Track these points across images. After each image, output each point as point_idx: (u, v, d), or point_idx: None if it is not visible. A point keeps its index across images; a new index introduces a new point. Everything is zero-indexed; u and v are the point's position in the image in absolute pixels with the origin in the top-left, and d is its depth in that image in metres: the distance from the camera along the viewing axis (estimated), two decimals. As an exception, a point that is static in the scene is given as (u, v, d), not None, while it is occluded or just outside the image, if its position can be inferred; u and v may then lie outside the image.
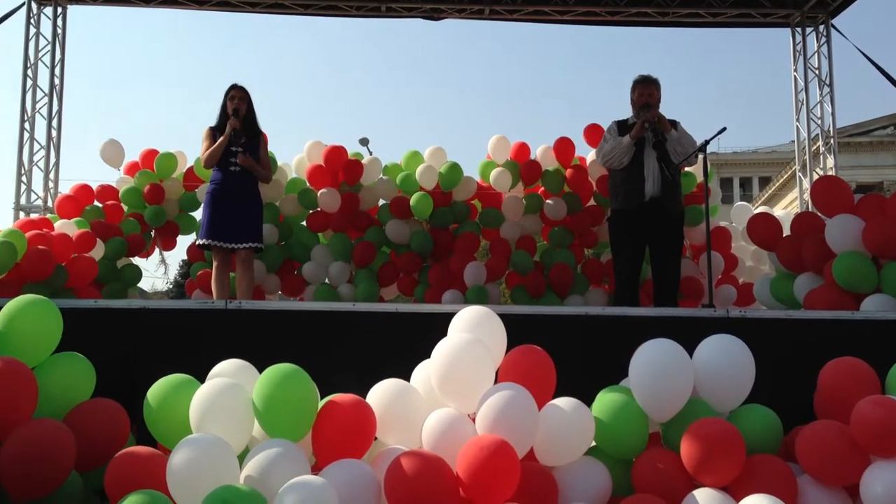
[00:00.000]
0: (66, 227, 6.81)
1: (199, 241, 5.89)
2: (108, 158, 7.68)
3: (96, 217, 7.28)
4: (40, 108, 8.99)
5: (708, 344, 3.20)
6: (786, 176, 33.49)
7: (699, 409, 3.06)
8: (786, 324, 4.18)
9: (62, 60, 9.23)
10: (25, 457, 2.87)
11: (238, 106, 5.90)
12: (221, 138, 5.81)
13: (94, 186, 7.55)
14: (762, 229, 5.92)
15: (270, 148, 6.31)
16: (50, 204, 8.71)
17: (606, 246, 7.14)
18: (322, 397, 3.07)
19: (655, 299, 5.92)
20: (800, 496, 2.91)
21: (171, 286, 24.29)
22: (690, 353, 3.18)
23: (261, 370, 3.04)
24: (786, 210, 9.96)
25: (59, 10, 9.24)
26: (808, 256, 5.25)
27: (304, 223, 7.60)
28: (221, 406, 2.94)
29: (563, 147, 7.52)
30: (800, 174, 9.32)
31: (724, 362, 3.12)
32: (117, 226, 7.38)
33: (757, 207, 8.57)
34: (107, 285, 7.24)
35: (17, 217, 8.34)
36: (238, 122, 5.85)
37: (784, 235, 5.78)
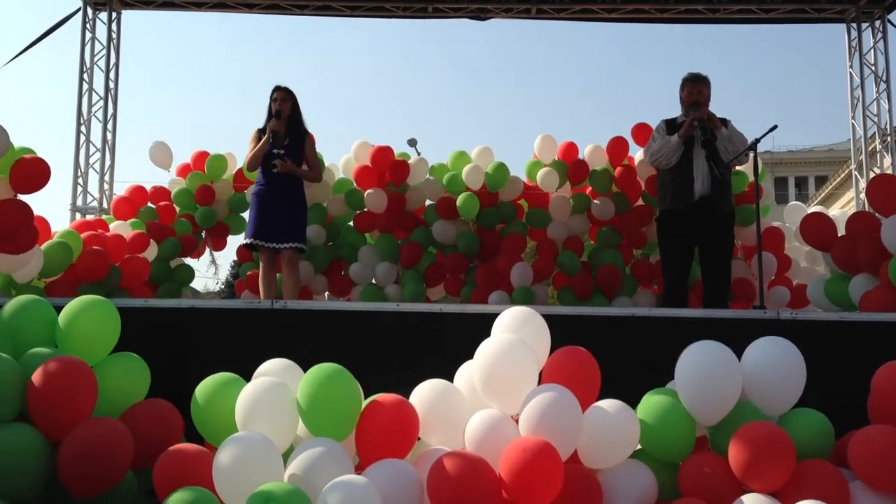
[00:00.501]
0: (120, 227, 6.95)
1: (244, 241, 5.97)
2: (157, 160, 7.82)
3: (150, 218, 7.42)
4: (96, 112, 9.19)
5: (757, 346, 3.13)
6: (842, 175, 32.68)
7: (748, 413, 3.00)
8: (838, 326, 4.07)
9: (117, 64, 9.43)
10: (85, 455, 2.93)
11: (280, 107, 5.93)
12: (262, 141, 5.86)
13: (148, 188, 7.70)
14: (815, 229, 5.80)
15: (319, 148, 6.34)
16: (105, 205, 8.90)
17: (656, 247, 7.05)
18: (366, 397, 3.08)
19: (705, 301, 5.82)
20: (852, 502, 2.83)
21: (222, 286, 24.74)
22: (739, 356, 3.12)
23: (305, 370, 3.05)
24: (842, 210, 9.72)
25: (114, 15, 9.44)
26: (864, 257, 5.12)
27: (351, 223, 7.65)
28: (266, 405, 2.96)
29: (617, 146, 7.45)
30: (856, 173, 9.10)
31: (774, 365, 3.05)
32: (170, 226, 7.51)
33: (812, 207, 8.38)
34: (161, 285, 7.37)
35: (73, 218, 8.54)
36: (279, 124, 5.89)
37: (839, 235, 5.64)
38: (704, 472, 2.93)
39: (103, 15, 9.39)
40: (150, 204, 7.60)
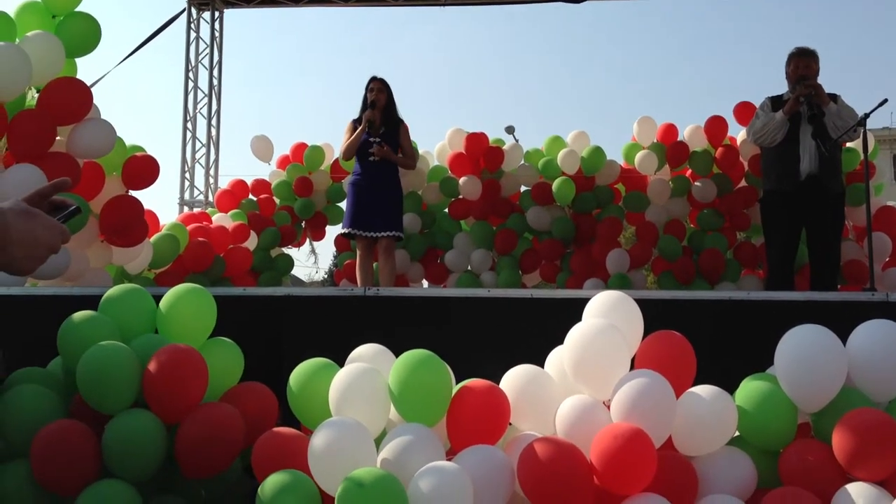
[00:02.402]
0: (222, 219, 7.20)
1: (342, 231, 6.09)
2: (258, 153, 8.04)
3: (251, 210, 7.65)
4: (201, 109, 9.54)
5: (863, 329, 2.97)
6: (968, 151, 30.81)
7: (853, 399, 2.85)
8: (955, 308, 3.83)
9: (220, 62, 9.75)
10: (203, 438, 3.04)
11: (376, 98, 6.02)
12: (358, 130, 5.96)
13: (249, 181, 7.95)
14: (932, 207, 5.49)
15: (415, 137, 6.40)
16: (211, 198, 9.23)
17: (760, 229, 6.82)
18: (458, 382, 3.08)
19: (813, 284, 5.60)
20: (967, 493, 2.67)
21: (326, 276, 25.27)
22: (846, 341, 2.97)
23: (398, 356, 3.07)
24: (964, 187, 9.16)
25: (217, 14, 9.74)
26: None
27: (446, 211, 7.69)
28: (359, 390, 2.99)
29: (715, 126, 7.25)
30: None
31: (882, 349, 2.88)
32: (271, 217, 7.72)
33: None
34: (262, 274, 7.60)
35: (181, 211, 8.89)
36: (375, 113, 5.97)
37: (958, 214, 5.33)
38: (807, 459, 2.80)
39: (206, 15, 9.71)
40: (251, 196, 7.83)
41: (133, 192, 5.55)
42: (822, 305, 3.88)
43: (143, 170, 5.55)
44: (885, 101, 5.00)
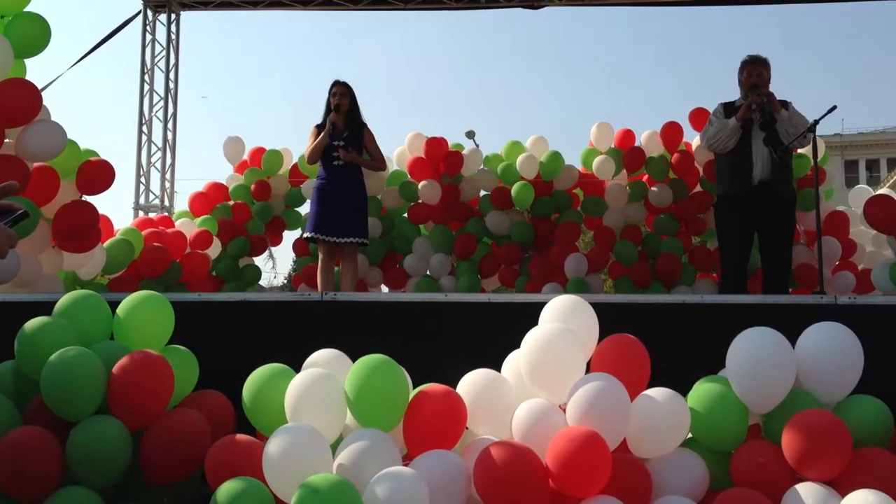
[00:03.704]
0: (183, 225, 7.09)
1: (306, 235, 6.05)
2: (230, 154, 7.94)
3: (224, 215, 7.51)
4: (157, 112, 9.39)
5: (812, 332, 3.04)
6: (916, 156, 31.56)
7: (802, 401, 2.92)
8: (898, 310, 3.92)
9: (176, 65, 9.62)
10: (169, 445, 3.04)
11: (339, 101, 6.00)
12: (322, 134, 5.92)
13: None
14: (880, 212, 5.62)
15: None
16: (167, 203, 9.11)
17: (715, 233, 6.92)
18: (416, 387, 3.08)
19: (765, 288, 5.69)
20: (912, 491, 2.73)
21: (285, 281, 25.10)
22: (795, 343, 3.03)
23: (355, 360, 3.06)
24: (912, 192, 9.37)
25: (173, 16, 9.62)
26: (931, 240, 4.94)
27: (405, 215, 7.67)
28: (314, 396, 2.98)
29: (671, 132, 7.33)
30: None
31: (830, 351, 2.96)
32: (243, 225, 7.61)
33: (882, 190, 8.12)
34: (227, 283, 7.49)
35: (136, 216, 8.74)
36: (339, 117, 5.95)
37: (904, 218, 5.45)
38: (757, 460, 2.86)
39: (163, 17, 9.58)
40: (227, 202, 7.66)
41: (87, 198, 5.46)
42: (774, 308, 3.94)
43: (97, 175, 5.46)
44: (835, 107, 5.12)
